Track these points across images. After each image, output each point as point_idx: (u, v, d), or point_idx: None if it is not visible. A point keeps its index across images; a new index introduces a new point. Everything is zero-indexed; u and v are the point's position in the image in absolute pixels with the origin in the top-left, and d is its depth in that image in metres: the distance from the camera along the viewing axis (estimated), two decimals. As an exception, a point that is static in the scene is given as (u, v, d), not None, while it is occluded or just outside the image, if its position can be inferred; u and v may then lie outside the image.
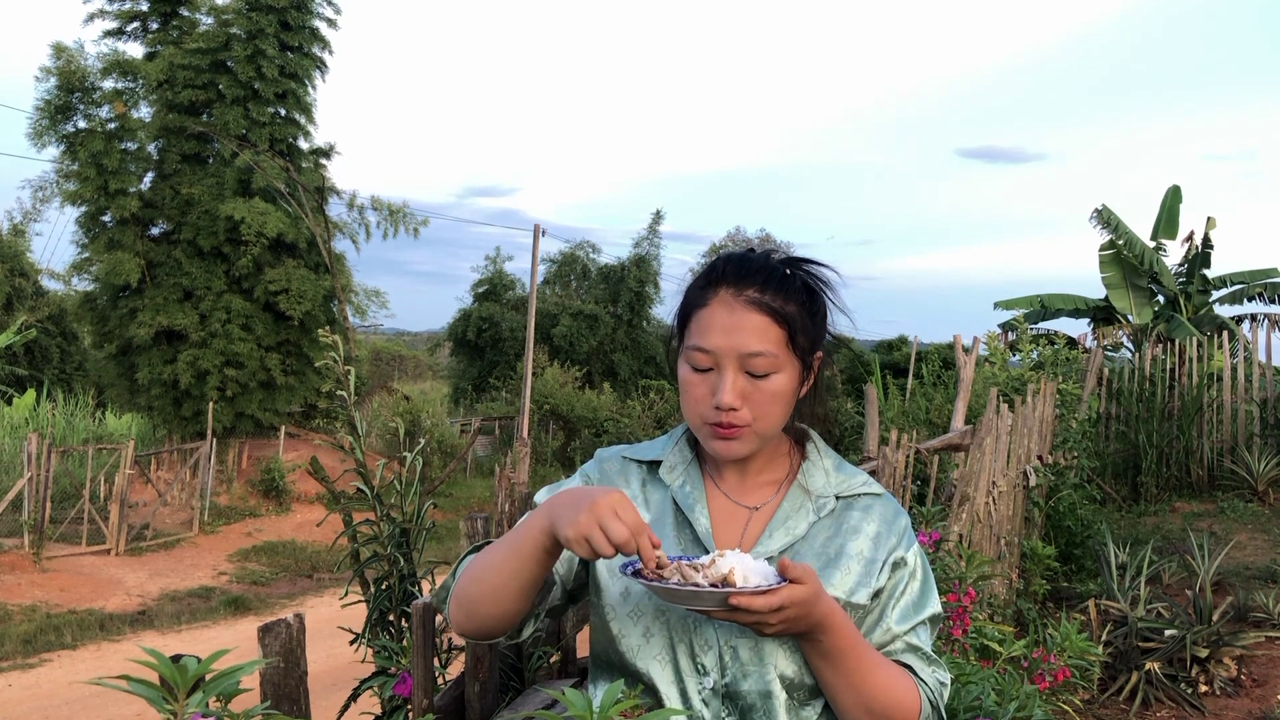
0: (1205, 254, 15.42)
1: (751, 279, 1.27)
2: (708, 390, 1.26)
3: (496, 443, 24.14)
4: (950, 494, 5.61)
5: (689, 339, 1.28)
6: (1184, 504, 9.79)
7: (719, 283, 1.28)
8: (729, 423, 1.26)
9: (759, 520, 1.32)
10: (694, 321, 1.28)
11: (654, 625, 1.27)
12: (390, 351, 42.27)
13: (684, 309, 1.31)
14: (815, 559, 1.28)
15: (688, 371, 1.28)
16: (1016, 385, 9.69)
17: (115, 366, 17.95)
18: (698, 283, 1.31)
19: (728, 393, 1.24)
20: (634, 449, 1.40)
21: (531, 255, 22.36)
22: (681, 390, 1.30)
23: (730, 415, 1.25)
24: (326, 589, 12.25)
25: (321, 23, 18.67)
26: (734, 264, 1.29)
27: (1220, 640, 5.09)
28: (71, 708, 7.63)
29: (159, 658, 1.01)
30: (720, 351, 1.25)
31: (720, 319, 1.26)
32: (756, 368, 1.25)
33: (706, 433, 1.29)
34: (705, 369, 1.27)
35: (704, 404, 1.27)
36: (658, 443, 1.41)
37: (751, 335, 1.25)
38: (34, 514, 12.42)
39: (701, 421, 1.28)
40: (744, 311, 1.25)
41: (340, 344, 2.40)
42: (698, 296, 1.29)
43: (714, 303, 1.27)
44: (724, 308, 1.26)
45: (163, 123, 17.44)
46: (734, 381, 1.25)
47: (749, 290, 1.26)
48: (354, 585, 2.38)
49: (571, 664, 2.42)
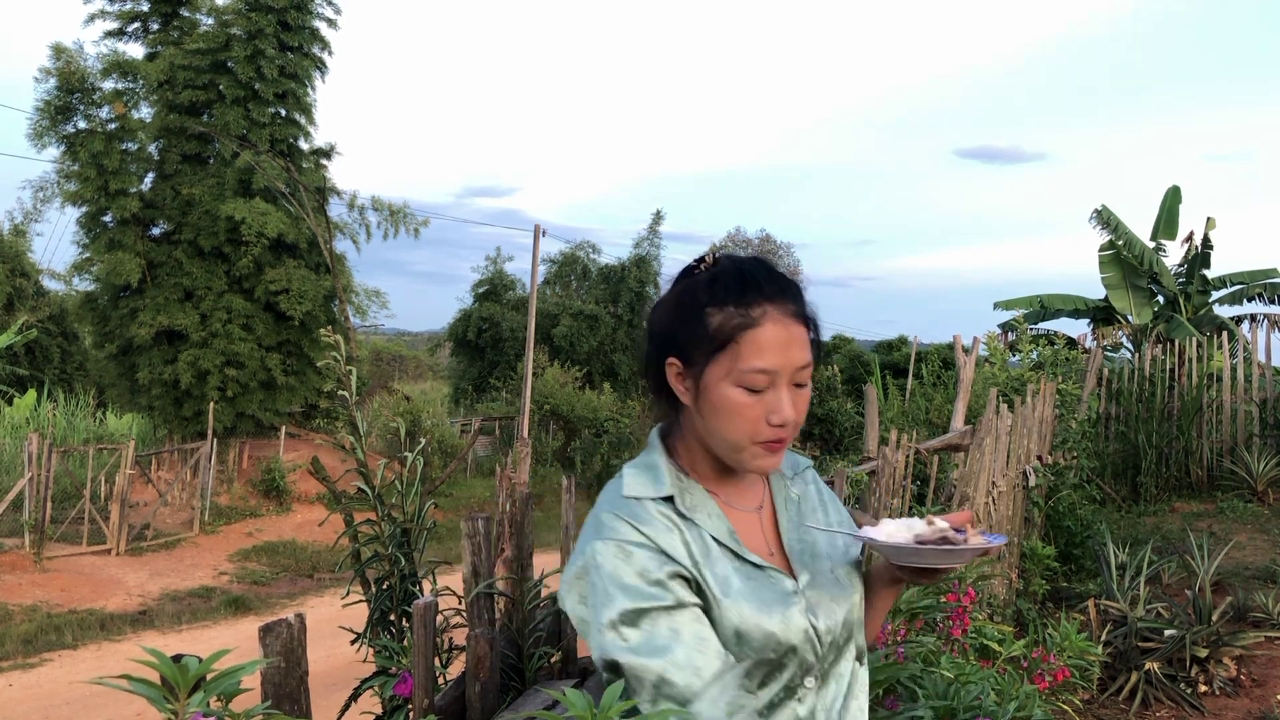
0: (1205, 254, 15.43)
1: (787, 292, 1.28)
2: (762, 410, 1.24)
3: (497, 443, 24.13)
4: (950, 494, 5.61)
5: (742, 362, 1.23)
6: (1184, 504, 9.80)
7: (762, 300, 1.25)
8: (782, 438, 1.26)
9: (768, 522, 1.38)
10: (745, 343, 1.24)
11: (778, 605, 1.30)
12: (390, 351, 42.28)
13: (725, 330, 1.24)
14: (822, 535, 1.40)
15: (740, 394, 1.24)
16: (1016, 385, 9.69)
17: (116, 366, 17.94)
18: (728, 300, 1.25)
19: (789, 409, 1.25)
20: (634, 488, 1.31)
21: (532, 255, 22.37)
22: (727, 412, 1.25)
23: (784, 430, 1.26)
24: (327, 589, 12.25)
25: (321, 23, 18.68)
26: (770, 279, 1.28)
27: (1220, 640, 5.10)
28: (72, 707, 7.63)
29: (160, 657, 1.01)
30: (779, 369, 1.24)
31: (776, 337, 1.24)
32: (802, 379, 1.27)
33: (754, 451, 1.27)
34: (760, 389, 1.24)
35: (757, 424, 1.25)
36: (649, 475, 1.32)
37: (800, 349, 1.26)
38: (34, 514, 12.42)
39: (751, 441, 1.26)
40: (792, 326, 1.26)
41: (341, 344, 2.40)
42: (742, 317, 1.24)
43: (766, 322, 1.24)
44: (776, 325, 1.24)
45: (163, 123, 17.44)
46: (790, 396, 1.25)
47: (789, 304, 1.26)
48: (355, 585, 2.39)
49: (572, 664, 2.43)
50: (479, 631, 2.03)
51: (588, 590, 1.23)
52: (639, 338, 29.12)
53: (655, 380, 1.34)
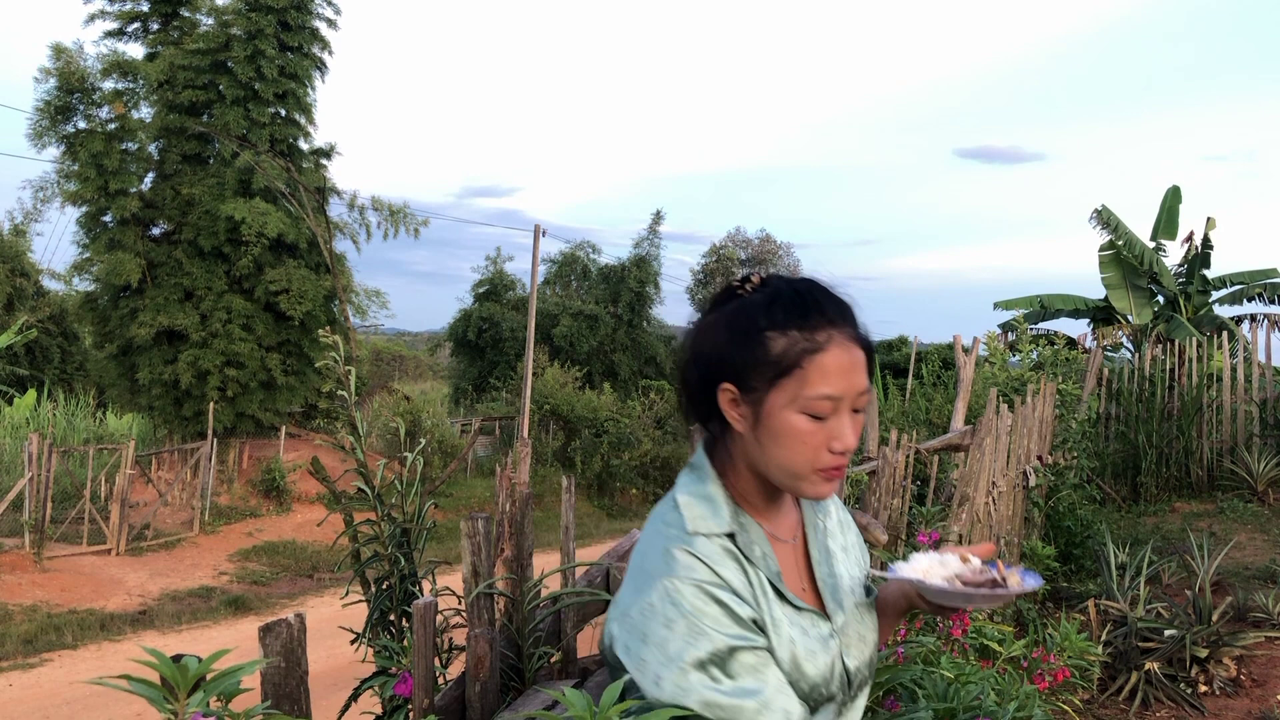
0: (1205, 254, 15.43)
1: (847, 315, 1.25)
2: (824, 437, 1.21)
3: (497, 443, 24.14)
4: (950, 494, 5.61)
5: (808, 388, 1.20)
6: (1184, 504, 9.80)
7: (827, 324, 1.22)
8: (842, 465, 1.23)
9: (800, 553, 1.36)
10: (811, 369, 1.20)
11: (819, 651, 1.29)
12: (390, 352, 42.26)
13: (790, 356, 1.20)
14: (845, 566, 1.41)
15: (804, 421, 1.21)
16: (1016, 385, 9.69)
17: (116, 366, 17.95)
18: (789, 324, 1.21)
19: (852, 435, 1.22)
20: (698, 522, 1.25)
21: (532, 255, 22.38)
22: (789, 440, 1.21)
23: (845, 457, 1.23)
24: (327, 589, 12.26)
25: (321, 23, 18.69)
26: (833, 302, 1.25)
27: (1220, 640, 5.10)
28: (72, 707, 7.63)
29: (160, 657, 1.01)
30: (843, 395, 1.21)
31: (841, 362, 1.21)
32: (861, 404, 1.24)
33: (814, 479, 1.24)
34: (824, 416, 1.21)
35: (820, 451, 1.22)
36: (708, 506, 1.28)
37: (861, 373, 1.23)
38: (35, 514, 12.42)
39: (812, 469, 1.23)
40: (855, 349, 1.23)
41: (341, 344, 2.40)
42: (807, 342, 1.20)
43: (832, 347, 1.21)
44: (841, 350, 1.21)
45: (163, 123, 17.45)
46: (850, 422, 1.22)
47: (850, 326, 1.24)
48: (355, 585, 2.39)
49: (572, 664, 2.42)
50: (479, 631, 2.03)
51: (660, 629, 1.17)
52: (639, 338, 29.28)
53: (702, 405, 1.29)
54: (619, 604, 1.24)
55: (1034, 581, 1.29)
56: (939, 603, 1.32)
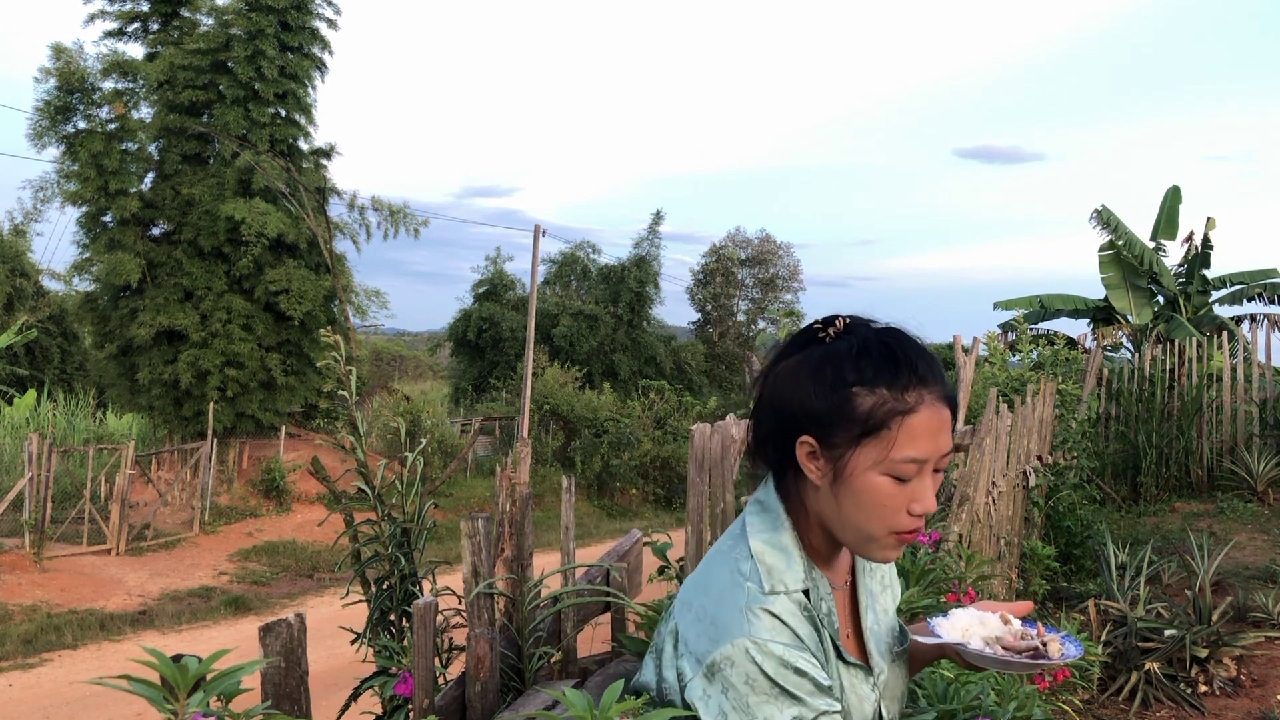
0: (1205, 254, 15.43)
1: (936, 372, 1.20)
2: (905, 500, 1.17)
3: (497, 443, 24.14)
4: (950, 494, 5.61)
5: (895, 451, 1.15)
6: (1184, 504, 9.79)
7: (917, 384, 1.17)
8: (918, 529, 1.19)
9: (848, 601, 1.33)
10: (900, 430, 1.15)
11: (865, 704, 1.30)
12: (390, 352, 42.28)
13: (878, 415, 1.15)
14: (879, 596, 1.39)
15: (887, 483, 1.16)
16: (1016, 385, 9.69)
17: (116, 366, 17.95)
18: (879, 381, 1.16)
19: (933, 498, 1.18)
20: (778, 576, 1.20)
21: (532, 255, 22.38)
22: (870, 502, 1.17)
23: (922, 521, 1.19)
24: (327, 589, 12.25)
25: (321, 23, 18.69)
26: (923, 358, 1.19)
27: (1220, 640, 5.10)
28: (72, 707, 7.63)
29: (160, 657, 1.01)
30: (930, 458, 1.17)
31: (931, 424, 1.16)
32: (944, 465, 1.20)
33: (887, 542, 1.19)
34: (908, 479, 1.17)
35: (899, 514, 1.17)
36: (783, 559, 1.23)
37: (947, 435, 1.19)
38: (35, 514, 12.42)
39: (888, 532, 1.18)
40: (943, 409, 1.18)
41: (341, 344, 2.40)
42: (897, 401, 1.16)
43: (922, 409, 1.16)
44: (931, 412, 1.17)
45: (163, 123, 17.45)
46: (933, 482, 1.18)
47: (938, 386, 1.19)
48: (355, 585, 2.39)
49: (572, 664, 2.42)
50: (479, 631, 2.03)
51: (743, 687, 1.13)
52: (639, 338, 29.28)
53: (776, 452, 1.24)
54: (687, 644, 1.20)
55: (1075, 650, 1.26)
56: (982, 666, 1.30)
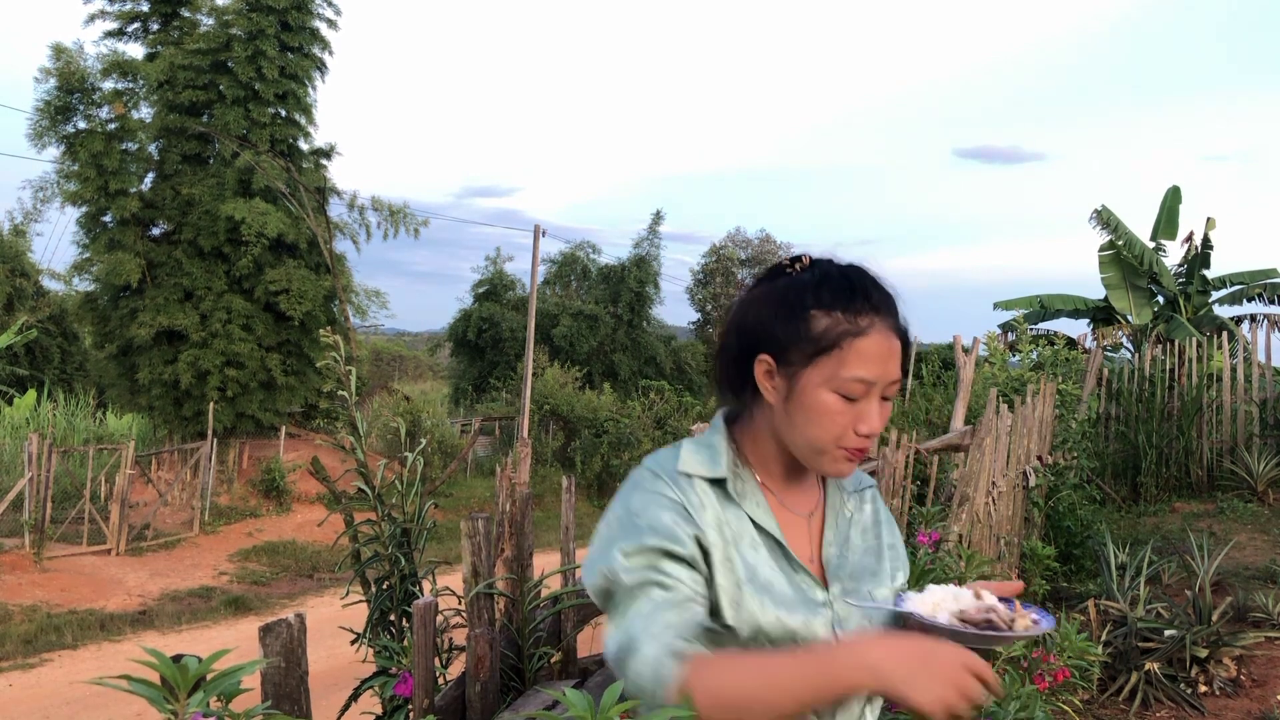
0: (1205, 254, 15.43)
1: (891, 304, 1.27)
2: (852, 418, 1.24)
3: (497, 443, 24.14)
4: (950, 494, 5.61)
5: (844, 369, 1.23)
6: (1183, 504, 9.79)
7: (870, 310, 1.25)
8: (865, 448, 1.27)
9: (815, 531, 1.35)
10: (850, 351, 1.23)
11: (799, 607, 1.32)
12: (390, 352, 42.29)
13: (831, 335, 1.23)
14: (864, 556, 1.37)
15: (835, 400, 1.24)
16: (1016, 386, 9.70)
17: (116, 366, 17.95)
18: (835, 305, 1.24)
19: (879, 420, 1.25)
20: (690, 463, 1.29)
21: (532, 255, 22.39)
22: (818, 416, 1.24)
23: (868, 441, 1.26)
24: (327, 589, 12.25)
25: (321, 23, 18.70)
26: (878, 290, 1.27)
27: (1220, 640, 5.10)
28: (72, 708, 7.63)
29: (160, 658, 1.01)
30: (877, 380, 1.24)
31: (880, 349, 1.24)
32: (892, 393, 1.27)
33: (835, 455, 1.27)
34: (855, 398, 1.24)
35: (845, 431, 1.25)
36: (707, 454, 1.31)
37: (896, 363, 1.26)
38: (34, 514, 12.42)
39: (835, 446, 1.26)
40: (893, 339, 1.26)
41: (341, 344, 2.41)
42: (849, 324, 1.23)
43: (873, 333, 1.24)
44: (881, 337, 1.24)
45: (163, 123, 17.45)
46: (878, 408, 1.26)
47: (890, 316, 1.26)
48: (355, 585, 2.39)
49: (572, 664, 2.42)
50: (479, 631, 2.03)
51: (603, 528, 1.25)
52: (639, 338, 29.28)
53: (735, 374, 1.32)
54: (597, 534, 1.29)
55: (1047, 623, 1.26)
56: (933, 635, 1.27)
